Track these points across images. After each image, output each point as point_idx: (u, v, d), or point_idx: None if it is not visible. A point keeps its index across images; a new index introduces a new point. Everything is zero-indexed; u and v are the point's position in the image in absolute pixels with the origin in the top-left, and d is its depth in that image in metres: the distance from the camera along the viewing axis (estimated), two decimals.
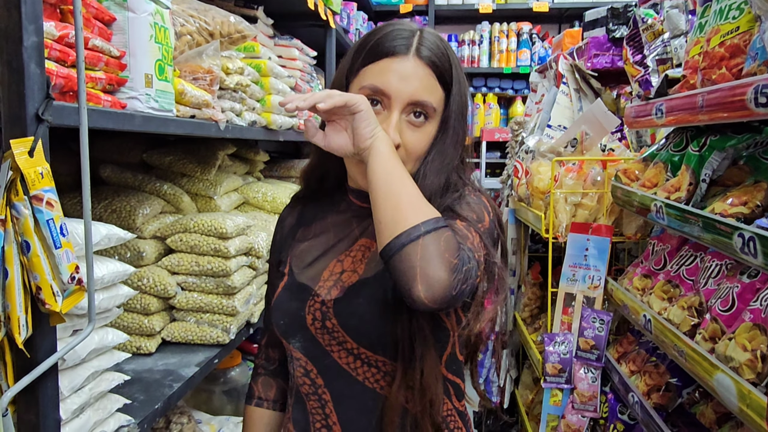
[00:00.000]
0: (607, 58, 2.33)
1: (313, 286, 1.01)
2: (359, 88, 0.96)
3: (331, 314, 0.97)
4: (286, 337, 1.03)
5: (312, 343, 1.00)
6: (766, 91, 0.92)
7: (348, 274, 1.00)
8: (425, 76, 0.96)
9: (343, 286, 0.99)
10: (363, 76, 0.97)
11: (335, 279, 1.00)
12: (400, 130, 0.95)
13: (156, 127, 1.13)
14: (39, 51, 0.78)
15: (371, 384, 0.99)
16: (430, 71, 0.97)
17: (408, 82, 0.95)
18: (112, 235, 1.07)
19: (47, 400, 0.85)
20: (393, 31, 0.98)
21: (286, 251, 1.10)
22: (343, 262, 1.02)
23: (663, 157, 1.45)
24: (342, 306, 0.97)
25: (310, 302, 0.99)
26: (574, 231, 1.78)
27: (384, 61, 0.96)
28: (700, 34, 1.25)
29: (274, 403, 1.18)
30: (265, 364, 1.20)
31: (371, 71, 0.96)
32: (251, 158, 2.22)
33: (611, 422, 1.62)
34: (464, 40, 4.96)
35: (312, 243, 1.07)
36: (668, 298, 1.32)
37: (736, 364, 0.97)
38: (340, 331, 0.97)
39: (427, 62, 0.96)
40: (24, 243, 0.77)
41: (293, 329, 1.01)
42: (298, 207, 1.16)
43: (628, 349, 1.66)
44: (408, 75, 0.95)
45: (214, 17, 1.49)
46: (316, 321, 0.98)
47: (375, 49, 0.97)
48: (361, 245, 1.03)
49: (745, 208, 1.05)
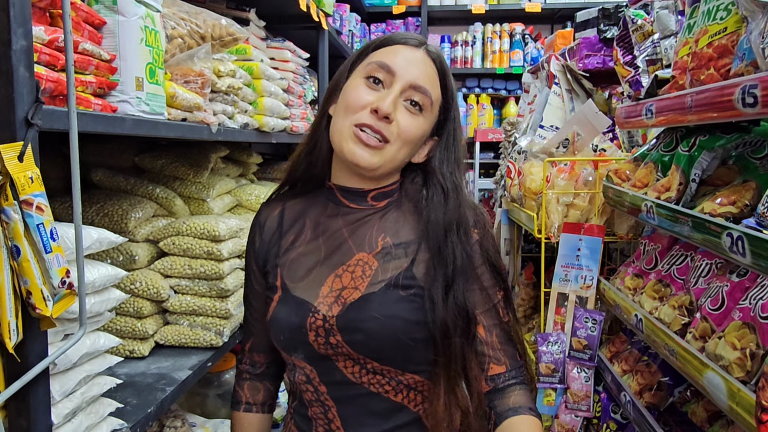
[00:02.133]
0: (598, 58, 2.34)
1: (311, 301, 1.00)
2: (367, 64, 1.01)
3: (335, 330, 0.97)
4: (287, 351, 1.03)
5: (315, 355, 1.00)
6: (753, 91, 0.92)
7: (349, 291, 0.99)
8: (431, 69, 1.02)
9: (345, 302, 0.99)
10: (371, 57, 1.02)
11: (335, 295, 1.00)
12: (397, 108, 0.98)
13: (147, 131, 1.13)
14: (28, 55, 0.77)
15: (376, 389, 0.99)
16: (435, 68, 1.03)
17: (415, 67, 1.00)
18: (104, 238, 1.07)
19: (38, 405, 0.84)
20: (405, 33, 1.06)
21: (272, 260, 1.09)
22: (341, 278, 1.01)
23: (653, 158, 1.46)
24: (346, 322, 0.97)
25: (310, 318, 0.99)
26: (566, 231, 1.79)
27: (396, 46, 1.02)
28: (689, 34, 1.26)
29: (263, 406, 1.18)
30: (250, 368, 1.19)
31: (380, 52, 1.02)
32: (244, 160, 2.21)
33: (604, 421, 1.63)
34: (457, 41, 4.97)
35: (302, 251, 1.06)
36: (659, 298, 1.32)
37: (726, 363, 0.97)
38: (345, 346, 0.97)
39: (434, 58, 1.03)
40: (14, 248, 0.76)
41: (295, 344, 1.01)
42: (279, 208, 1.14)
43: (621, 348, 1.67)
44: (416, 61, 1.01)
45: (205, 20, 1.49)
46: (319, 337, 0.98)
47: (388, 38, 1.04)
48: (359, 260, 1.02)
49: (734, 207, 1.06)
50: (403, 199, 1.07)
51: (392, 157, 1.00)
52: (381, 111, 0.96)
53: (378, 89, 0.99)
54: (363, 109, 0.98)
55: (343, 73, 1.06)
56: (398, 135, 0.98)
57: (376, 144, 0.98)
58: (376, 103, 0.97)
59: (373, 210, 1.06)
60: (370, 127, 0.97)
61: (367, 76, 1.00)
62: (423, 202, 1.04)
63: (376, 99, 0.98)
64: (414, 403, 1.02)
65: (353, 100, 0.99)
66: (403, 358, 0.98)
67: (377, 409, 0.99)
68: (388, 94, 0.97)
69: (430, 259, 1.00)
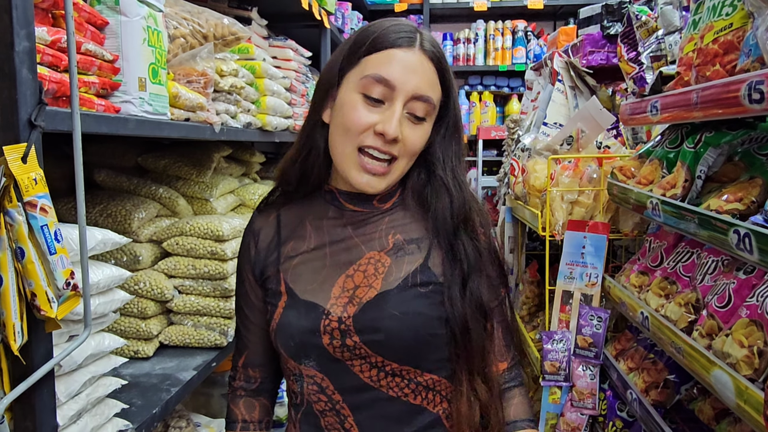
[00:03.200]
0: (602, 55, 2.33)
1: (323, 303, 0.97)
2: (360, 78, 0.94)
3: (352, 332, 0.94)
4: (297, 359, 0.99)
5: (329, 361, 0.96)
6: (759, 87, 0.92)
7: (363, 290, 0.97)
8: (429, 71, 0.97)
9: (360, 301, 0.96)
10: (364, 66, 0.95)
11: (349, 295, 0.97)
12: (401, 123, 0.96)
13: (150, 131, 1.13)
14: (31, 56, 0.77)
15: (395, 393, 0.97)
16: (433, 67, 0.97)
17: (414, 74, 0.94)
18: (108, 239, 1.06)
19: (44, 407, 0.84)
20: (394, 26, 0.97)
21: (271, 266, 1.04)
22: (353, 277, 0.98)
23: (658, 154, 1.45)
24: (363, 322, 0.94)
25: (324, 321, 0.95)
26: (570, 229, 1.78)
27: (389, 51, 0.94)
28: (694, 30, 1.25)
29: (260, 423, 1.12)
30: (244, 385, 1.13)
31: (374, 60, 0.95)
32: (247, 160, 2.21)
33: (610, 419, 1.62)
34: (459, 38, 4.96)
35: (307, 257, 1.02)
36: (665, 295, 1.32)
37: (734, 361, 0.97)
38: (363, 347, 0.94)
39: (431, 57, 0.97)
40: (18, 249, 0.76)
41: (306, 350, 0.97)
42: (273, 214, 1.09)
43: (626, 346, 1.66)
44: (414, 67, 0.95)
45: (207, 19, 1.48)
46: (334, 340, 0.95)
47: (378, 39, 0.95)
48: (370, 259, 0.99)
49: (741, 204, 1.05)
50: (408, 197, 1.06)
51: (400, 171, 1.00)
52: (388, 135, 0.93)
53: (378, 106, 0.95)
54: (365, 131, 0.94)
55: (333, 77, 0.99)
56: (405, 150, 0.97)
57: (384, 170, 0.96)
58: (380, 125, 0.93)
59: (379, 211, 1.04)
60: (377, 149, 0.95)
61: (364, 92, 0.95)
62: (429, 200, 1.03)
63: (379, 120, 0.94)
64: (433, 404, 0.99)
65: (353, 121, 0.94)
66: (423, 356, 0.96)
67: (396, 414, 0.97)
68: (392, 114, 0.93)
69: (444, 254, 1.00)
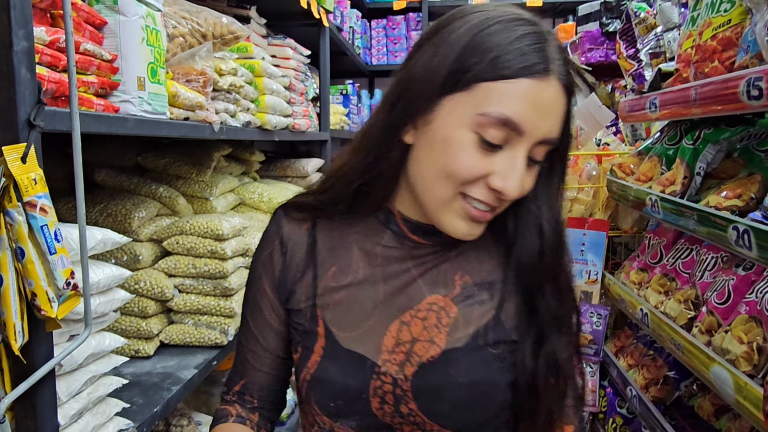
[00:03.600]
0: (601, 52, 2.33)
1: (373, 358, 0.80)
2: (477, 113, 0.72)
3: (409, 398, 0.79)
4: (335, 418, 0.83)
5: (373, 424, 0.81)
6: (758, 83, 0.92)
7: (423, 345, 0.80)
8: (563, 109, 0.75)
9: (420, 360, 0.80)
10: (481, 95, 0.72)
11: (406, 350, 0.80)
12: None
13: (149, 131, 1.12)
14: (29, 56, 0.77)
15: None
16: (566, 101, 0.76)
17: (548, 116, 0.73)
18: (108, 239, 1.07)
19: (45, 406, 0.84)
20: (520, 37, 0.73)
21: (303, 293, 0.86)
22: (409, 325, 0.81)
23: (658, 151, 1.45)
24: (424, 388, 0.79)
25: (375, 382, 0.80)
26: (570, 226, 1.78)
27: (521, 82, 0.71)
28: (693, 27, 1.25)
29: (258, 427, 0.93)
30: (240, 409, 0.93)
31: (497, 92, 0.71)
32: (247, 159, 2.21)
33: (610, 416, 1.62)
34: None
35: (354, 293, 0.84)
36: (665, 292, 1.32)
37: (733, 357, 0.97)
38: (420, 415, 0.79)
39: (565, 85, 0.74)
40: (18, 249, 0.76)
41: (349, 412, 0.81)
42: (307, 222, 0.90)
43: (626, 343, 1.66)
44: (549, 107, 0.73)
45: (206, 18, 1.48)
46: (386, 405, 0.80)
47: (502, 61, 0.71)
48: (432, 305, 0.82)
49: (740, 200, 1.05)
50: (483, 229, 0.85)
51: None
52: (507, 196, 0.74)
53: (495, 152, 0.74)
54: (475, 181, 0.75)
55: (427, 94, 0.75)
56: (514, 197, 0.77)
57: (489, 217, 0.78)
58: (499, 182, 0.73)
59: (448, 244, 0.85)
60: (485, 203, 0.76)
61: (479, 133, 0.72)
62: (511, 236, 0.84)
63: (496, 171, 0.73)
64: None
65: (463, 168, 0.74)
66: (485, 425, 0.81)
67: None
68: (513, 167, 0.73)
69: (520, 304, 0.83)
